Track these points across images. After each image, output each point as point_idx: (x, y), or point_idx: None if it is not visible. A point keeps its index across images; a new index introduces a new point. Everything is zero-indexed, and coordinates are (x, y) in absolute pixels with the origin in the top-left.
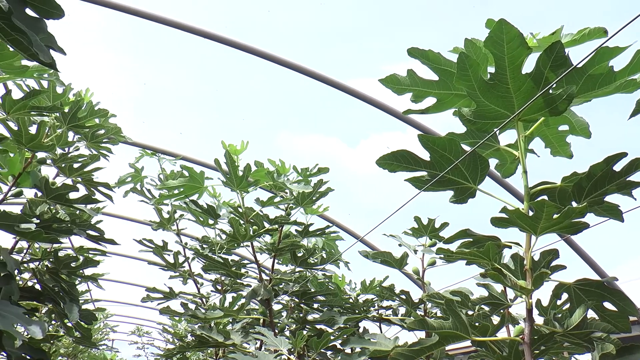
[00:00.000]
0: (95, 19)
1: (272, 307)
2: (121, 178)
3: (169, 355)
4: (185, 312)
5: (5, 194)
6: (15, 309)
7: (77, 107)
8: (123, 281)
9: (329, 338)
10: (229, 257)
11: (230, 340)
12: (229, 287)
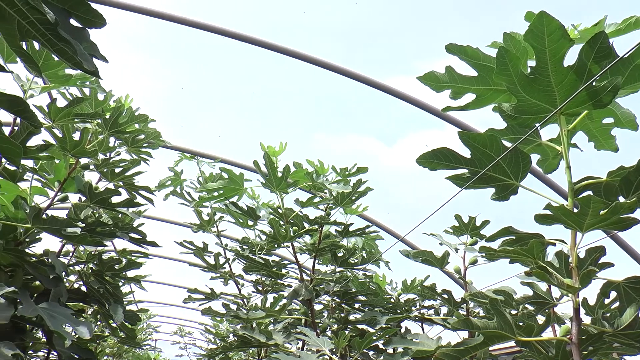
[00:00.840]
0: (132, 26)
1: (314, 307)
2: (161, 181)
3: (212, 355)
4: (228, 313)
5: (52, 199)
6: (64, 310)
7: (118, 113)
8: (165, 282)
9: (372, 338)
10: (269, 258)
11: (272, 340)
12: (270, 287)
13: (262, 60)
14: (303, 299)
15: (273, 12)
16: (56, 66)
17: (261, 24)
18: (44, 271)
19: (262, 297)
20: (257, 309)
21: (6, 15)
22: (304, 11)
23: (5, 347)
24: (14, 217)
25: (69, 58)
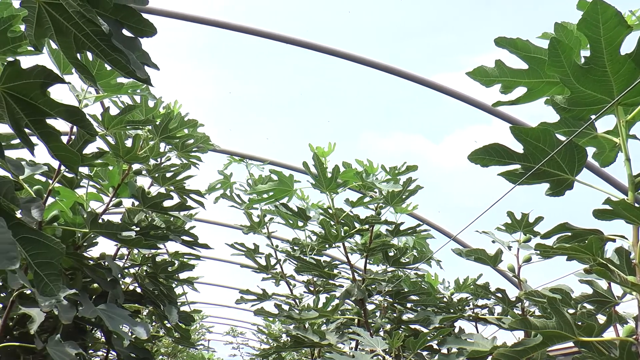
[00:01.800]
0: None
1: (367, 307)
2: (211, 185)
3: (265, 355)
4: (280, 313)
5: (107, 204)
6: (122, 311)
7: (168, 119)
8: (217, 284)
9: (426, 338)
10: (320, 259)
11: (325, 340)
12: (322, 288)
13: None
14: (355, 299)
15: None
16: (108, 75)
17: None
18: (101, 274)
19: (314, 298)
20: (309, 309)
21: (63, 29)
22: (349, 11)
23: (69, 347)
24: (73, 222)
25: (122, 67)
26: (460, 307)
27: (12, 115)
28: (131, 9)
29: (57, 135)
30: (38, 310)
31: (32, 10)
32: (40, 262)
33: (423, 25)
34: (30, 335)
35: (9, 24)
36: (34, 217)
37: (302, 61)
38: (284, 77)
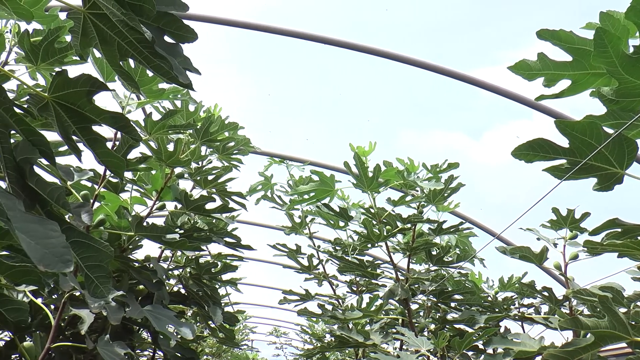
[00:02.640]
0: (216, 37)
1: (410, 307)
2: (252, 186)
3: (309, 355)
4: (324, 314)
5: (150, 207)
6: (167, 312)
7: (209, 123)
8: (260, 284)
9: (472, 338)
10: (363, 258)
11: (370, 340)
12: (364, 287)
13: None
14: (399, 299)
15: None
16: (150, 82)
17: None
18: (147, 276)
19: (357, 298)
20: (353, 309)
21: (107, 38)
22: (387, 9)
23: (118, 347)
24: (118, 226)
25: (164, 73)
26: (505, 306)
27: (61, 123)
28: (173, 15)
29: (103, 142)
30: (88, 311)
31: (78, 21)
32: (91, 264)
33: (460, 21)
34: (81, 335)
35: (56, 35)
36: (84, 221)
37: (340, 61)
38: (323, 77)
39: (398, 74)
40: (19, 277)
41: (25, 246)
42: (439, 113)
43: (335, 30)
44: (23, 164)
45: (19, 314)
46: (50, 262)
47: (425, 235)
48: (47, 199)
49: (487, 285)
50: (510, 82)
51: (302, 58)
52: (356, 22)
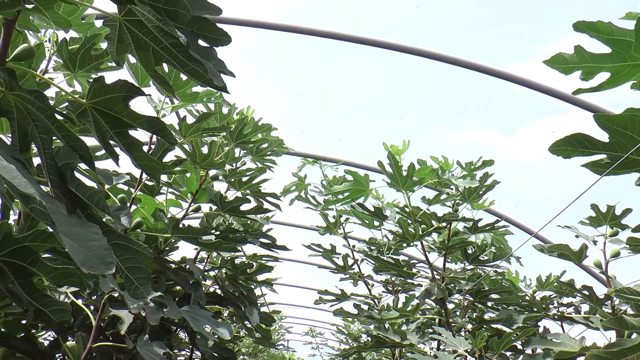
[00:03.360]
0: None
1: (447, 307)
2: (286, 187)
3: (346, 355)
4: (361, 314)
5: (186, 209)
6: (205, 312)
7: (242, 125)
8: (295, 285)
9: (510, 338)
10: (398, 258)
11: (407, 340)
12: (400, 287)
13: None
14: (436, 298)
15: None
16: (184, 85)
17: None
18: (184, 277)
19: (393, 297)
20: (389, 309)
21: (143, 43)
22: (418, 6)
23: (157, 347)
24: (154, 228)
25: (199, 77)
26: (544, 305)
27: (98, 128)
28: (206, 19)
29: (139, 146)
30: (127, 312)
31: (114, 28)
32: (131, 266)
33: (492, 16)
34: (120, 335)
35: (92, 43)
36: (123, 224)
37: (372, 60)
38: (355, 76)
39: (430, 71)
40: (62, 278)
41: (69, 249)
42: (471, 110)
43: (367, 29)
44: (64, 169)
45: (63, 314)
46: (93, 264)
47: (461, 233)
48: (87, 203)
49: (525, 284)
50: (544, 77)
51: (334, 58)
52: (387, 20)
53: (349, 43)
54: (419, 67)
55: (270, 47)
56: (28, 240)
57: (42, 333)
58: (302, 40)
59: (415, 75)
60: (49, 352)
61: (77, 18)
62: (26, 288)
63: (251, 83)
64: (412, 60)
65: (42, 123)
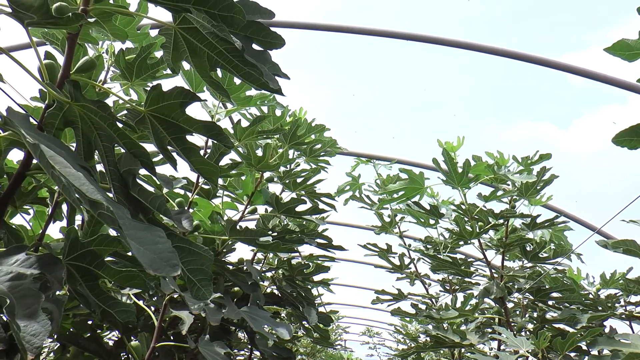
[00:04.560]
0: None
1: (507, 306)
2: (340, 187)
3: (404, 355)
4: (420, 313)
5: (242, 212)
6: (264, 312)
7: (296, 126)
8: (351, 285)
9: (575, 338)
10: (456, 256)
11: (467, 340)
12: (457, 286)
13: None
14: (495, 297)
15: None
16: (238, 89)
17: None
18: (242, 278)
19: (450, 297)
20: (448, 308)
21: (197, 50)
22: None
23: (218, 346)
24: (212, 231)
25: (254, 80)
26: (609, 304)
27: (157, 134)
28: (260, 23)
29: (197, 151)
30: (187, 312)
31: (169, 37)
32: (192, 268)
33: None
34: (181, 335)
35: (148, 52)
36: (185, 227)
37: (423, 57)
38: (406, 74)
39: (481, 65)
40: (126, 281)
41: (136, 252)
42: (524, 103)
43: (415, 25)
44: (126, 175)
45: (128, 315)
46: (159, 267)
47: (519, 230)
48: (149, 207)
49: (588, 282)
50: (600, 66)
51: (384, 56)
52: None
53: (398, 40)
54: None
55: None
56: (94, 244)
57: (106, 333)
58: (351, 39)
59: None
60: (114, 352)
61: (132, 29)
62: (93, 290)
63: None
64: (463, 55)
65: (104, 132)
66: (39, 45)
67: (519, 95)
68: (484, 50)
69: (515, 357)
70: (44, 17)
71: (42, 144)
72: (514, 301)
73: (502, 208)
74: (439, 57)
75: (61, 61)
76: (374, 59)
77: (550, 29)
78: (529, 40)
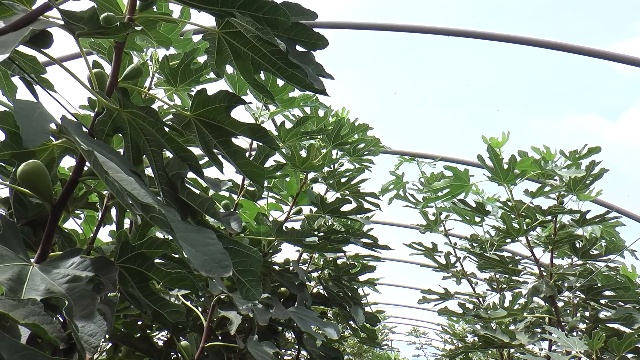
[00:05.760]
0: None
1: (557, 305)
2: (384, 186)
3: (452, 355)
4: (468, 313)
5: (287, 212)
6: (311, 313)
7: (339, 126)
8: (397, 284)
9: (633, 339)
10: (503, 254)
11: (516, 340)
12: (505, 285)
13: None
14: (544, 296)
15: None
16: (281, 91)
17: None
18: (289, 278)
19: (498, 296)
20: (495, 308)
21: (241, 53)
22: None
23: (267, 346)
24: (257, 232)
25: (298, 81)
26: None
27: (203, 138)
28: (303, 25)
29: (242, 153)
30: (235, 313)
31: (213, 41)
32: (242, 269)
33: None
34: (229, 335)
35: (191, 57)
36: (234, 229)
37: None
38: (448, 70)
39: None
40: (176, 282)
41: (188, 254)
42: (569, 96)
43: (455, 20)
44: (175, 178)
45: (178, 316)
46: (211, 268)
47: (568, 227)
48: (197, 210)
49: None
50: None
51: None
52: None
53: (439, 36)
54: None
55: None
56: (144, 247)
57: (155, 333)
58: (391, 37)
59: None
60: (164, 351)
61: (176, 35)
62: (144, 292)
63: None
64: (505, 48)
65: (152, 137)
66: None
67: (564, 88)
68: (526, 43)
69: (567, 358)
70: (94, 27)
71: (95, 151)
72: (564, 300)
73: (549, 204)
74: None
75: (108, 70)
76: (414, 56)
77: (595, 18)
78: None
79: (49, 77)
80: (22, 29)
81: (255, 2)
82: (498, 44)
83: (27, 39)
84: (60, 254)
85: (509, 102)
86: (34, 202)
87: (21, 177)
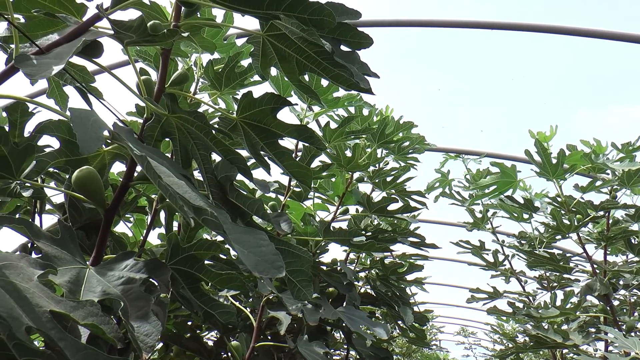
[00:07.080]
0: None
1: (613, 304)
2: (430, 184)
3: (503, 355)
4: (519, 312)
5: (334, 212)
6: (360, 312)
7: (384, 125)
8: (445, 283)
9: None
10: (554, 252)
11: (570, 340)
12: (556, 283)
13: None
14: (598, 295)
15: None
16: (325, 92)
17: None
18: (337, 278)
19: (549, 294)
20: (547, 307)
21: (286, 55)
22: None
23: (317, 346)
24: (304, 232)
25: (344, 81)
26: None
27: (249, 140)
28: (347, 24)
29: (289, 154)
30: (284, 313)
31: (257, 45)
32: (293, 269)
33: None
34: (279, 335)
35: (235, 61)
36: (284, 230)
37: (508, 45)
38: (492, 65)
39: (569, 49)
40: (226, 283)
41: (241, 255)
42: (617, 86)
43: (497, 13)
44: (224, 181)
45: (229, 316)
46: (264, 269)
47: (621, 222)
48: (246, 212)
49: None
50: None
51: (468, 48)
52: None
53: (482, 30)
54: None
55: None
56: (194, 249)
57: (205, 333)
58: (432, 33)
59: (554, 56)
60: (215, 351)
61: (219, 40)
62: (195, 293)
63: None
64: (549, 39)
65: (201, 140)
66: (128, 63)
67: (611, 78)
68: (571, 33)
69: (626, 359)
70: (142, 35)
71: (147, 156)
72: (620, 298)
73: (601, 199)
74: (525, 44)
75: (153, 76)
76: (457, 51)
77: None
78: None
79: (96, 85)
80: (74, 40)
81: (300, 3)
82: (542, 36)
83: (79, 50)
84: (114, 257)
85: (555, 95)
86: (88, 207)
87: (75, 183)
